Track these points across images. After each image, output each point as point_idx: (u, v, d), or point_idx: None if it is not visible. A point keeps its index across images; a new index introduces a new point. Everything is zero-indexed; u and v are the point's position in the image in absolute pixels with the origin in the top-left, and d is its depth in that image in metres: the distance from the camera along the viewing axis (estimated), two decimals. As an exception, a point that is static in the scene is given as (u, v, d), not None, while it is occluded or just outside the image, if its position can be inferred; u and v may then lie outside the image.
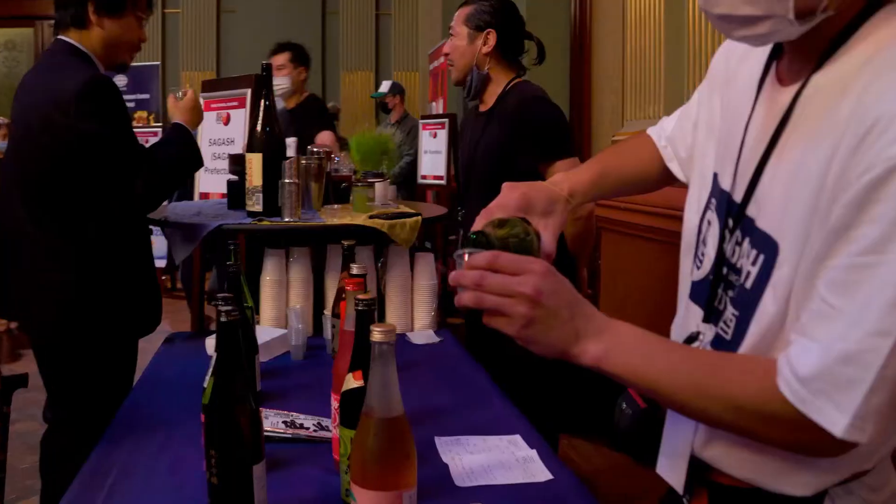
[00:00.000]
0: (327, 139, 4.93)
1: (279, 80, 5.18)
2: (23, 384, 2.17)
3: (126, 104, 2.71)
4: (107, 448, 1.77)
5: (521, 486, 1.58)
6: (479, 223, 1.32)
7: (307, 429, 1.84)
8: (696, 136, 1.46)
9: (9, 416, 2.12)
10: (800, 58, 1.13)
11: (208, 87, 4.26)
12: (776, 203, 1.09)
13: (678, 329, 1.38)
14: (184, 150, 2.85)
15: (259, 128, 2.75)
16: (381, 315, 2.73)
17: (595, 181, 1.56)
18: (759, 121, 1.18)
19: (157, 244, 3.11)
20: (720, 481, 1.23)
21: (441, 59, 7.72)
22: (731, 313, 1.18)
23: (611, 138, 5.52)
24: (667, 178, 1.60)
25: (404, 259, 2.78)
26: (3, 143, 6.59)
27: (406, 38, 11.29)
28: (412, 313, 2.82)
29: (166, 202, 3.39)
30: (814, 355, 0.96)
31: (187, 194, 3.99)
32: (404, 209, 3.04)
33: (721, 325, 1.20)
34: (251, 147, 2.77)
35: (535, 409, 2.33)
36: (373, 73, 11.29)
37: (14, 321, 5.96)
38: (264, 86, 2.76)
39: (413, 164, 7.45)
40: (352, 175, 3.33)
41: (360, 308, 1.40)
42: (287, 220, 2.70)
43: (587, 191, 1.54)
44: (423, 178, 7.26)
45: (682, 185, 1.53)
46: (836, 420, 0.95)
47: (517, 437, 1.84)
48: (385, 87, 8.23)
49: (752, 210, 1.15)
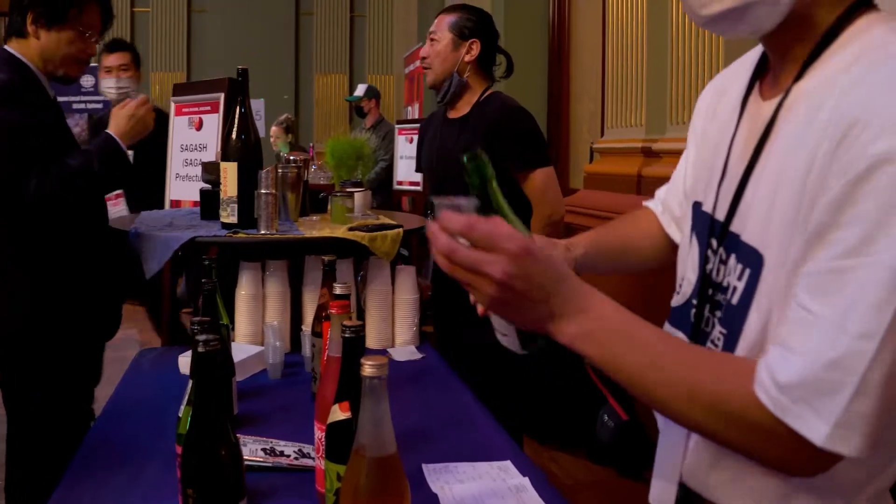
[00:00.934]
0: None
1: (123, 83, 4.80)
2: None
3: (18, 108, 2.62)
4: (72, 482, 1.66)
5: (516, 517, 1.50)
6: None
7: (288, 456, 1.75)
8: (686, 182, 1.45)
9: None
10: (782, 71, 1.12)
11: (180, 90, 4.15)
12: (760, 214, 1.06)
13: None
14: (100, 162, 2.71)
15: (234, 135, 2.65)
16: (363, 324, 2.64)
17: (592, 240, 1.56)
18: (743, 136, 1.17)
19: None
20: None
21: (417, 63, 7.66)
22: (718, 332, 1.14)
23: (589, 145, 5.47)
24: (669, 247, 1.56)
25: (385, 272, 2.70)
26: None
27: (381, 41, 11.24)
28: (393, 328, 2.73)
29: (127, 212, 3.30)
30: (795, 363, 0.92)
31: (158, 202, 3.87)
32: (385, 220, 2.96)
33: (709, 345, 1.16)
34: (225, 155, 2.67)
35: (500, 405, 2.37)
36: (347, 76, 11.23)
37: None
38: (240, 92, 2.66)
39: (388, 170, 7.38)
40: (330, 185, 3.26)
41: (347, 336, 1.32)
42: (263, 232, 2.61)
43: (587, 244, 1.53)
44: (399, 183, 7.21)
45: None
46: (816, 427, 0.90)
47: (508, 464, 1.75)
48: (360, 90, 8.15)
49: (736, 225, 1.12)
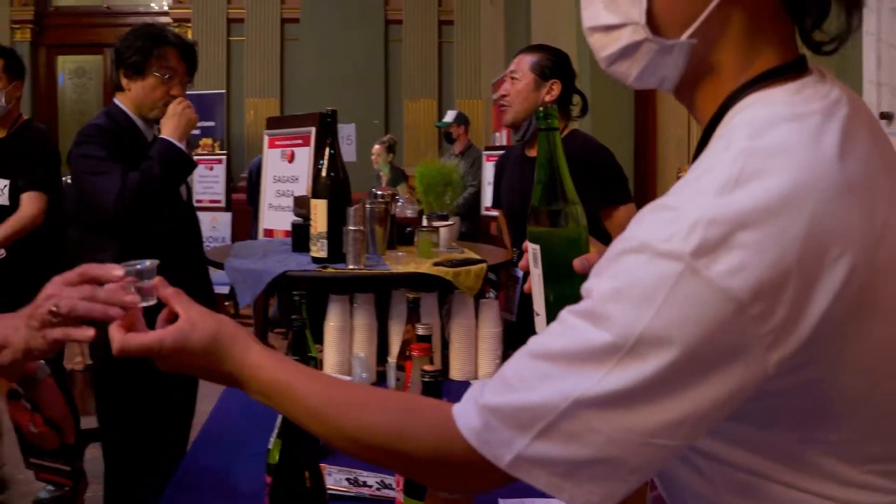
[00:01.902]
0: None
1: None
2: (96, 439, 2.18)
3: (111, 144, 2.91)
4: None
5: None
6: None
7: (370, 487, 1.83)
8: None
9: (84, 474, 2.13)
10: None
11: (273, 123, 4.32)
12: None
13: None
14: (161, 162, 2.90)
15: (324, 174, 2.78)
16: (445, 363, 2.73)
17: None
18: None
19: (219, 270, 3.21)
20: None
21: (505, 90, 7.72)
22: None
23: (676, 172, 5.47)
24: None
25: (468, 306, 2.76)
26: None
27: (469, 67, 11.32)
28: (476, 361, 2.80)
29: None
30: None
31: (252, 232, 4.03)
32: (469, 254, 3.04)
33: None
34: (316, 193, 2.80)
35: None
36: (435, 102, 11.33)
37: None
38: (329, 132, 2.78)
39: (477, 196, 7.44)
40: (417, 217, 3.35)
41: (426, 380, 1.39)
42: (351, 267, 2.71)
43: None
44: (487, 209, 7.26)
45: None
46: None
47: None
48: (450, 116, 8.24)
49: None
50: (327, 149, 2.79)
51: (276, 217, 4.02)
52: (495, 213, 6.88)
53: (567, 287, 1.29)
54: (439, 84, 11.44)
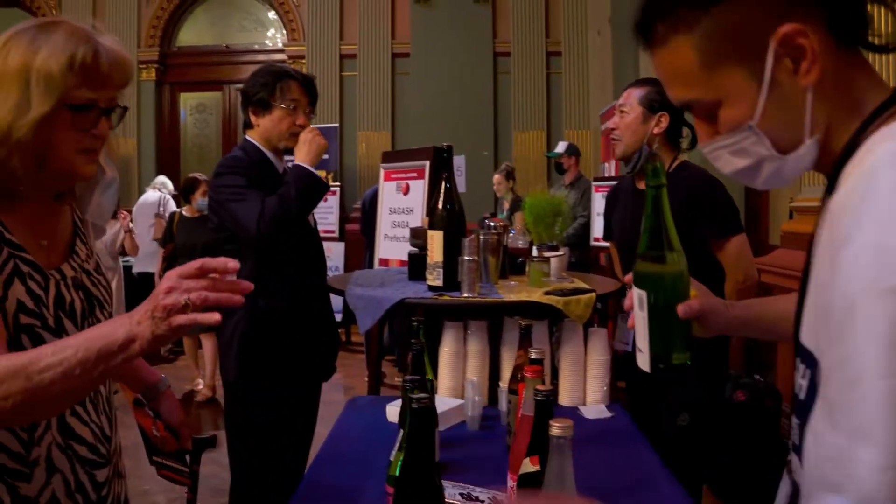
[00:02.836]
0: None
1: None
2: (211, 445, 2.35)
3: (248, 173, 3.10)
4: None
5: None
6: None
7: (482, 502, 1.93)
8: None
9: (198, 475, 2.29)
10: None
11: (388, 157, 4.47)
12: (810, 319, 1.12)
13: None
14: (297, 186, 3.04)
15: (440, 206, 2.91)
16: (554, 389, 2.79)
17: (747, 305, 1.67)
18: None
19: (336, 298, 3.37)
20: None
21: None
22: (794, 420, 1.19)
23: (789, 201, 5.43)
24: None
25: (578, 334, 2.84)
26: (203, 201, 7.04)
27: (577, 97, 11.34)
28: (584, 387, 2.86)
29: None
30: None
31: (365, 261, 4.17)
32: (579, 284, 3.11)
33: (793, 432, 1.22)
34: (433, 224, 2.93)
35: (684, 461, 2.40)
36: (544, 133, 11.37)
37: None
38: (445, 166, 2.92)
39: (586, 227, 7.48)
40: (528, 248, 3.44)
41: (539, 398, 1.49)
42: (466, 295, 2.83)
43: (742, 305, 1.65)
44: (596, 240, 7.29)
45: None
46: None
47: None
48: (561, 147, 8.31)
49: (800, 327, 1.19)
50: (443, 182, 2.92)
51: (391, 247, 4.16)
52: (605, 243, 6.93)
53: (670, 330, 1.43)
54: (548, 115, 11.47)
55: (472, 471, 2.18)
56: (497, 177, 8.75)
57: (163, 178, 9.69)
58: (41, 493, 1.61)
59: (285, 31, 12.01)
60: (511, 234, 3.46)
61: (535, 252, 3.34)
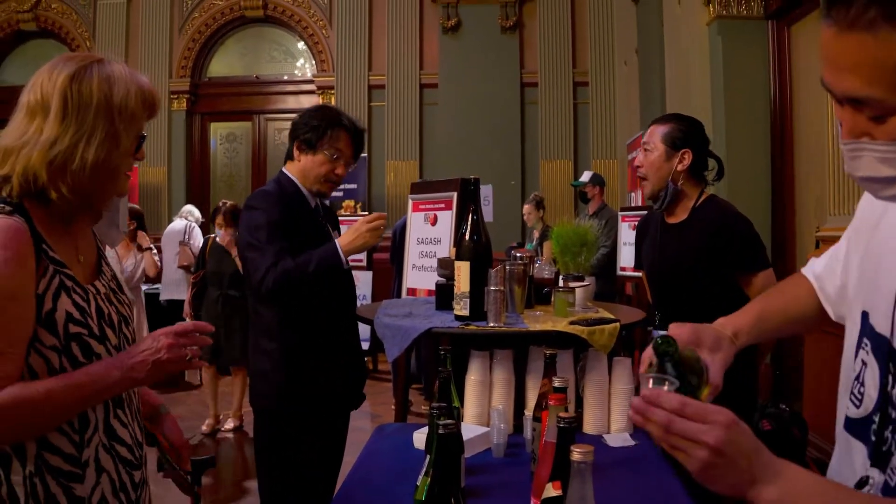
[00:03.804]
0: None
1: None
2: (211, 465, 2.44)
3: (276, 209, 3.16)
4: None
5: None
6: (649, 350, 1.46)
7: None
8: (847, 277, 1.52)
9: (199, 497, 2.37)
10: None
11: (416, 188, 4.53)
12: None
13: (839, 465, 1.41)
14: (319, 264, 3.09)
15: (467, 238, 2.97)
16: (579, 417, 2.84)
17: (756, 321, 1.67)
18: None
19: (363, 326, 3.44)
20: None
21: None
22: None
23: (815, 230, 5.45)
24: (822, 316, 1.67)
25: (602, 363, 2.87)
26: (219, 231, 7.17)
27: (604, 127, 11.40)
28: (609, 416, 2.89)
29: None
30: None
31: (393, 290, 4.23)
32: (604, 314, 3.16)
33: (889, 471, 1.22)
34: (460, 255, 2.98)
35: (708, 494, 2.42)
36: (571, 162, 11.43)
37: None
38: (472, 198, 2.98)
39: (610, 256, 7.51)
40: (553, 278, 3.49)
41: (562, 425, 1.54)
42: (492, 324, 2.88)
43: (750, 330, 1.65)
44: (622, 269, 7.33)
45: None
46: None
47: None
48: (586, 176, 8.36)
49: None
50: (470, 214, 2.99)
51: (419, 277, 4.21)
52: (632, 272, 6.97)
53: None
54: (575, 144, 11.54)
55: (496, 496, 2.23)
56: (527, 206, 8.84)
57: (190, 206, 9.82)
58: (93, 494, 1.75)
59: (314, 62, 12.18)
60: (537, 265, 3.51)
61: (560, 282, 3.38)
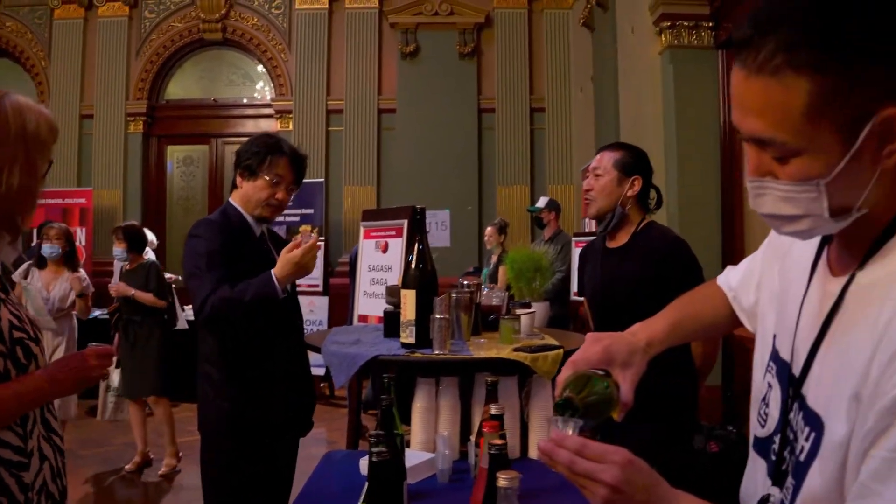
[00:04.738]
0: None
1: None
2: None
3: (218, 239, 3.21)
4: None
5: None
6: (564, 373, 1.52)
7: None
8: (760, 296, 1.60)
9: None
10: (847, 251, 1.26)
11: (368, 216, 4.58)
12: (825, 387, 1.20)
13: (747, 481, 1.49)
14: (255, 293, 3.12)
15: (413, 266, 3.01)
16: (525, 443, 2.89)
17: (671, 330, 1.72)
18: (813, 304, 1.31)
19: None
20: None
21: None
22: (790, 481, 1.27)
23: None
24: (737, 322, 1.75)
25: (546, 389, 2.91)
26: (118, 251, 6.96)
27: (560, 153, 11.49)
28: (553, 441, 2.93)
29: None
30: None
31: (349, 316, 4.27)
32: (548, 340, 3.21)
33: (784, 489, 1.29)
34: (406, 283, 3.03)
35: None
36: (528, 187, 11.50)
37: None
38: (419, 228, 3.03)
39: (565, 281, 7.58)
40: (501, 305, 3.54)
41: (492, 452, 1.59)
42: (437, 352, 2.92)
43: (664, 339, 1.70)
44: (576, 294, 7.40)
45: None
46: None
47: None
48: (542, 202, 8.43)
49: (805, 388, 1.26)
50: (416, 243, 3.04)
51: (370, 304, 4.25)
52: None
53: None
54: (531, 170, 11.61)
55: (440, 522, 2.26)
56: (490, 229, 8.90)
57: (145, 230, 9.74)
58: (35, 479, 1.90)
59: (273, 86, 12.17)
60: (485, 292, 3.57)
61: (505, 310, 3.44)
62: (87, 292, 6.81)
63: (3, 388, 1.84)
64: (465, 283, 3.39)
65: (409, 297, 2.99)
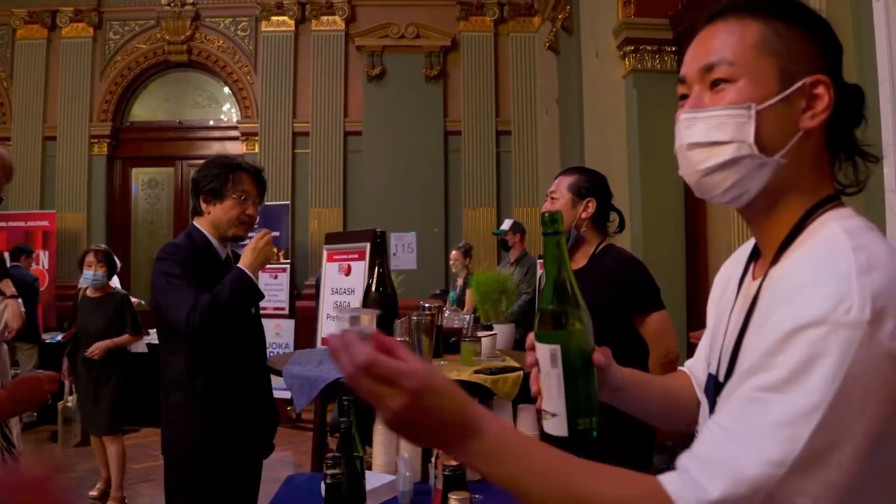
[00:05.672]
0: None
1: None
2: None
3: (187, 258, 3.20)
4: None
5: None
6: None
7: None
8: (705, 350, 1.60)
9: None
10: (765, 258, 1.31)
11: (331, 239, 4.59)
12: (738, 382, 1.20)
13: None
14: (232, 289, 3.15)
15: (374, 289, 3.03)
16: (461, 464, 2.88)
17: (637, 379, 1.63)
18: (738, 310, 1.34)
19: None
20: None
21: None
22: None
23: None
24: (699, 406, 1.67)
25: (507, 411, 2.92)
26: (88, 273, 6.44)
27: (526, 175, 11.57)
28: (514, 462, 2.93)
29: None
30: (718, 481, 1.03)
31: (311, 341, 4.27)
32: (509, 362, 3.22)
33: None
34: (366, 306, 3.04)
35: None
36: (494, 210, 11.55)
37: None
38: (379, 251, 3.05)
39: (531, 303, 7.57)
40: (462, 328, 3.56)
41: (446, 473, 1.60)
42: (397, 374, 2.92)
43: (630, 376, 1.60)
44: (540, 316, 7.40)
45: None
46: None
47: None
48: (506, 224, 8.44)
49: (726, 391, 1.23)
50: (377, 267, 3.05)
51: (333, 327, 4.25)
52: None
53: (585, 382, 1.37)
54: (497, 192, 11.67)
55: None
56: (455, 253, 8.92)
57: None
58: None
59: (239, 108, 12.16)
60: (447, 314, 3.58)
61: (468, 332, 3.46)
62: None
63: None
64: (427, 305, 3.39)
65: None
